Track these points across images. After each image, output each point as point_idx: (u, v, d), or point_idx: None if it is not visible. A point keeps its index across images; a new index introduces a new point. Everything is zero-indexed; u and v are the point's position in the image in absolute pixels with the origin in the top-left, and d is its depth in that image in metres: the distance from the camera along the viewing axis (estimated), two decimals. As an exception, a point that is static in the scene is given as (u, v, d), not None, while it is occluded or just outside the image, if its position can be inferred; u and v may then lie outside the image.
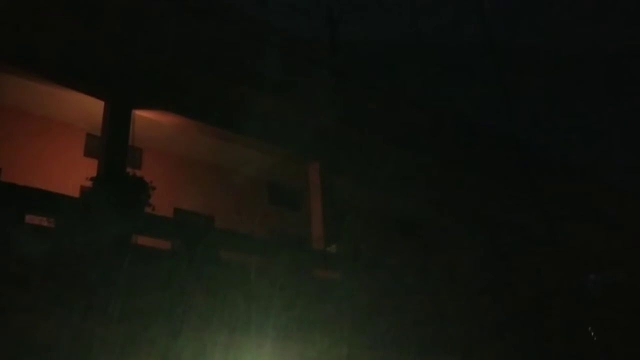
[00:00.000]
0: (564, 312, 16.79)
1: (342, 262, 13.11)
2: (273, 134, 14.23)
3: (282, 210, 17.00)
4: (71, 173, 12.58)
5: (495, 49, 15.33)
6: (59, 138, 13.58)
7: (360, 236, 14.36)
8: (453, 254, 16.18)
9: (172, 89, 13.05)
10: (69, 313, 8.71)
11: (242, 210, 15.40)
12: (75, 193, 12.21)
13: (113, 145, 11.94)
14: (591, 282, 21.03)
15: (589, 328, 17.03)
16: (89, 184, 10.85)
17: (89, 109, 12.77)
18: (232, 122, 13.79)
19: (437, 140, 17.38)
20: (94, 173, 11.29)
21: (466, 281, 14.80)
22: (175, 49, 12.77)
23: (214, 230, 13.53)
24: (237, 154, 15.43)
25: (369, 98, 16.17)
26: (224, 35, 13.56)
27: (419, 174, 16.82)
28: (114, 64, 12.35)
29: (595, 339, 16.72)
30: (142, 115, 12.76)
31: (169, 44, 12.65)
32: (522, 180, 17.66)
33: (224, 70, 13.39)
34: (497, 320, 14.31)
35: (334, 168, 15.42)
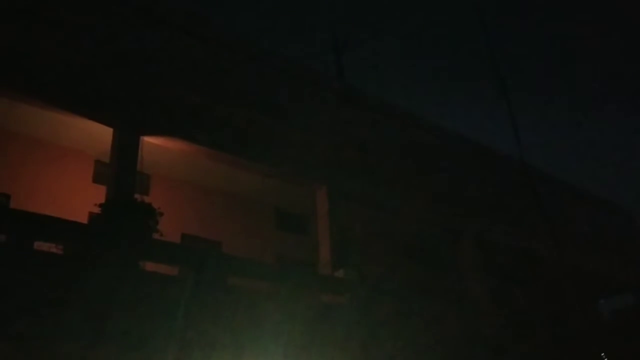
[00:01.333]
0: (575, 336, 16.62)
1: (349, 286, 13.07)
2: (280, 159, 14.30)
3: (290, 235, 17.01)
4: (80, 199, 12.65)
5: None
6: (68, 165, 13.69)
7: (368, 261, 14.33)
8: (461, 278, 16.10)
9: (179, 116, 13.16)
10: (78, 339, 8.71)
11: (249, 236, 15.42)
12: (84, 219, 12.28)
13: (121, 172, 12.01)
14: (603, 306, 20.86)
15: (602, 353, 16.84)
16: (97, 210, 10.90)
17: (98, 136, 12.88)
18: (239, 147, 13.88)
19: (444, 163, 17.41)
20: (102, 199, 11.34)
21: (474, 305, 14.70)
22: (182, 76, 12.92)
23: (221, 256, 13.52)
24: (244, 179, 15.49)
25: (375, 122, 16.26)
26: (231, 62, 13.73)
27: (426, 197, 16.81)
28: (122, 91, 12.49)
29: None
30: (150, 142, 12.85)
31: (176, 71, 12.80)
32: (531, 205, 17.62)
33: (231, 97, 13.52)
34: (505, 345, 14.18)
35: (341, 192, 15.43)
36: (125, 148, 12.23)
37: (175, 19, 13.06)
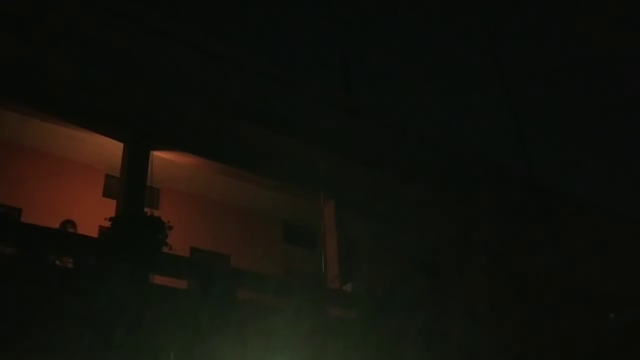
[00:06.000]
0: (584, 351, 16.50)
1: (357, 301, 13.06)
2: (288, 174, 14.36)
3: (298, 249, 17.03)
4: (90, 213, 12.74)
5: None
6: (79, 179, 13.81)
7: (376, 275, 14.32)
8: (469, 293, 16.04)
9: (189, 131, 13.27)
10: (86, 353, 8.76)
11: (257, 250, 15.46)
12: (94, 233, 12.36)
13: (131, 186, 12.11)
14: (612, 321, 20.68)
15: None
16: (107, 224, 10.99)
17: (108, 150, 13.02)
18: (248, 162, 13.97)
19: (453, 178, 17.39)
20: (112, 213, 11.44)
21: (482, 321, 14.64)
22: (193, 92, 13.04)
23: (229, 270, 13.57)
24: (253, 193, 15.57)
25: (383, 136, 16.30)
26: (240, 78, 13.84)
27: (435, 212, 16.79)
28: (132, 106, 12.61)
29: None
30: (160, 156, 12.97)
31: (187, 87, 12.92)
32: (540, 219, 17.56)
33: (240, 112, 13.62)
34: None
35: (349, 207, 15.46)
36: (135, 162, 12.33)
37: (186, 36, 13.19)
